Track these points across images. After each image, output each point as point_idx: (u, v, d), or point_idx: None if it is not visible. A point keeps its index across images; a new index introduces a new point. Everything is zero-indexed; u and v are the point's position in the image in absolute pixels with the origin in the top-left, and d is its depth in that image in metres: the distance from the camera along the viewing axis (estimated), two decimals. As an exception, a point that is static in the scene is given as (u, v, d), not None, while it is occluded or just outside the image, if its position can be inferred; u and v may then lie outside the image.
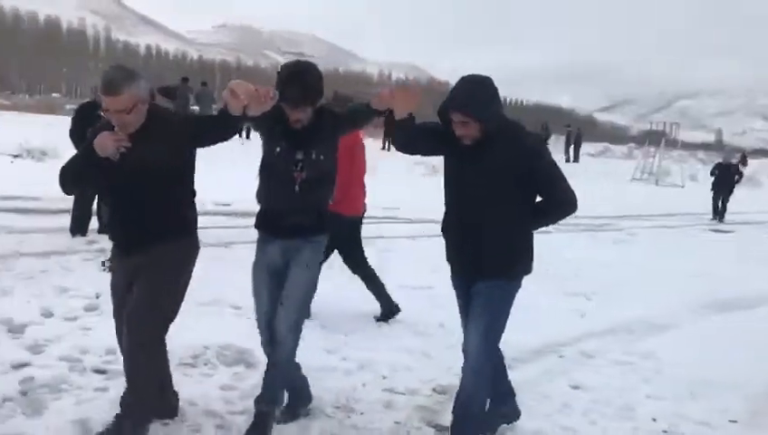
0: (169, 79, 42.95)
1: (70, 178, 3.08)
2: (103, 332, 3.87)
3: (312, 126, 3.26)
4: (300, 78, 3.14)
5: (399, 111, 3.16)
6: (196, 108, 19.17)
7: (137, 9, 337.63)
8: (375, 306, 5.51)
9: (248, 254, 3.56)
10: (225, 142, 3.19)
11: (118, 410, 3.17)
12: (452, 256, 3.34)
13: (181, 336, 3.90)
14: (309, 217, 3.33)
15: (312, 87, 3.17)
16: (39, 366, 3.88)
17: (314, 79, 3.18)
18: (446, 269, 3.42)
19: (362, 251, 5.55)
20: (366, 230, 5.69)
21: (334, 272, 5.70)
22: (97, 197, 6.71)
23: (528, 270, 3.28)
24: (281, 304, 3.30)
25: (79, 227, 7.45)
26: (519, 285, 3.27)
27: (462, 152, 3.10)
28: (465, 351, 3.22)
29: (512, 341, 5.08)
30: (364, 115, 3.36)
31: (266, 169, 3.37)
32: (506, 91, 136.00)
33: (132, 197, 3.08)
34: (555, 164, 3.16)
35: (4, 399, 3.47)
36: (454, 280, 3.40)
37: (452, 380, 4.10)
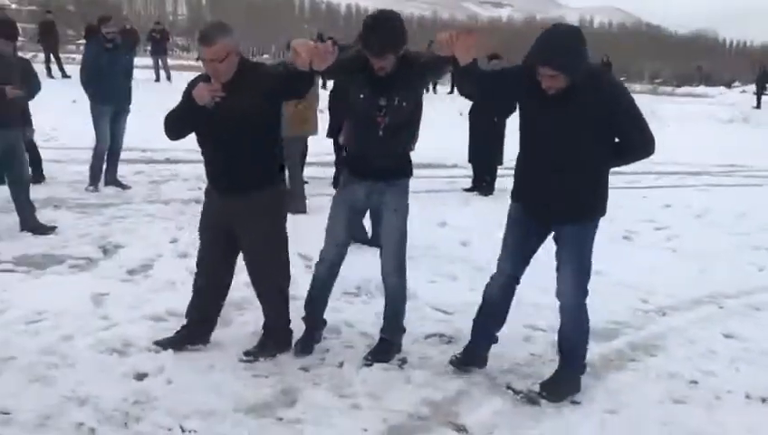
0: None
1: (172, 125, 3.44)
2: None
3: (396, 73, 3.37)
4: (382, 27, 3.30)
5: (462, 57, 3.17)
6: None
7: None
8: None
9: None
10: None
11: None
12: (528, 198, 3.38)
13: (350, 270, 4.52)
14: (392, 161, 3.57)
15: (395, 36, 3.29)
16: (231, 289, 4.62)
17: (397, 27, 3.30)
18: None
19: None
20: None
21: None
22: None
23: (604, 211, 3.36)
24: (381, 247, 3.67)
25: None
26: (597, 226, 3.37)
27: (544, 98, 3.12)
28: (560, 292, 3.40)
29: (673, 291, 5.16)
30: (438, 61, 3.40)
31: (352, 115, 3.63)
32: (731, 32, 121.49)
33: (227, 144, 3.38)
34: (635, 106, 3.17)
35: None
36: (521, 220, 3.43)
37: (600, 323, 4.29)
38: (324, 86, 20.96)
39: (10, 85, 5.41)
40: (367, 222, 5.32)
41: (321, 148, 8.90)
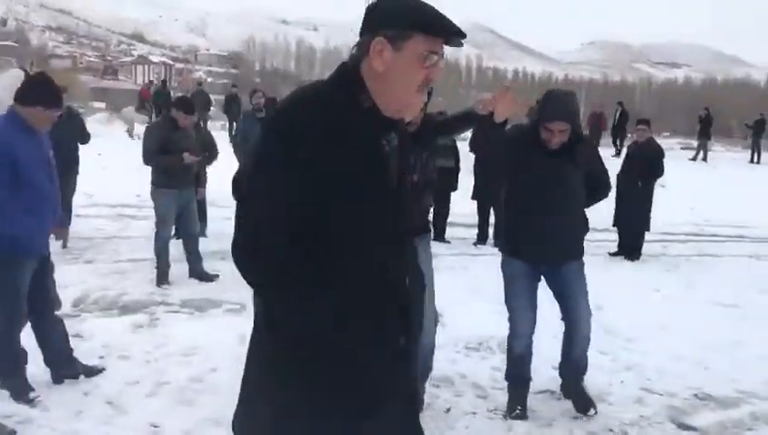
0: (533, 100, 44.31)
1: None
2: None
3: (419, 131, 3.53)
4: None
5: (500, 114, 3.44)
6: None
7: (509, 36, 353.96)
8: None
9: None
10: None
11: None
12: (530, 244, 3.71)
13: (473, 323, 4.83)
14: (419, 219, 3.74)
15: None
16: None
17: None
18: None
19: None
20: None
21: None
22: None
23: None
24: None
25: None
26: None
27: (544, 154, 3.60)
28: (573, 321, 3.78)
29: None
30: (465, 119, 3.69)
31: None
32: None
33: None
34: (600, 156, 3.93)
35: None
36: (520, 267, 3.75)
37: (725, 391, 4.22)
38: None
39: (188, 152, 6.31)
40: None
41: (464, 208, 9.26)
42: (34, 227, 3.66)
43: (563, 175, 3.64)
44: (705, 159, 22.63)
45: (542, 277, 3.85)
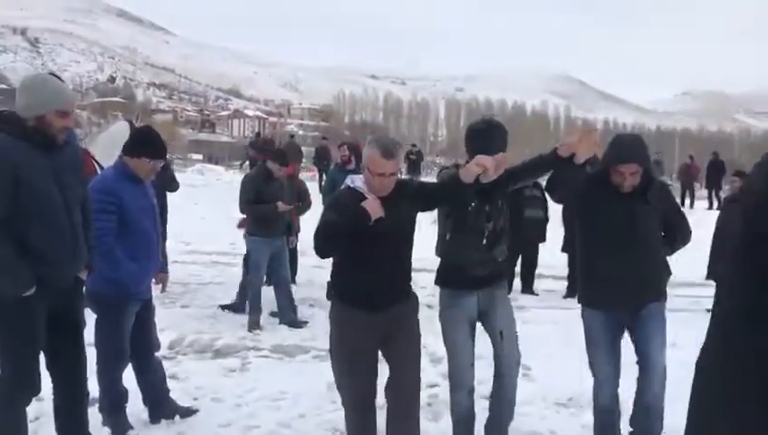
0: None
1: (335, 241, 3.27)
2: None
3: (497, 181, 3.42)
4: (496, 126, 3.71)
5: (582, 156, 3.35)
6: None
7: (598, 87, 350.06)
8: None
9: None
10: None
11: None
12: (608, 297, 3.64)
13: (564, 380, 4.77)
14: (496, 266, 3.69)
15: (505, 135, 3.67)
16: (445, 388, 4.97)
17: (504, 130, 3.72)
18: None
19: None
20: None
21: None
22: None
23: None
24: (500, 337, 3.69)
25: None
26: None
27: (616, 197, 3.58)
28: (649, 369, 3.69)
29: None
30: (544, 161, 3.49)
31: (454, 227, 3.69)
32: None
33: (383, 256, 3.32)
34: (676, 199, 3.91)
35: (415, 407, 4.64)
36: (598, 316, 3.67)
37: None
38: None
39: (280, 202, 6.54)
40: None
41: (555, 260, 9.11)
42: (139, 272, 3.87)
43: (638, 216, 3.58)
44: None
45: (626, 328, 3.75)
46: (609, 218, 3.61)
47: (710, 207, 20.07)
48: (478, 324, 3.83)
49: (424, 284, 7.09)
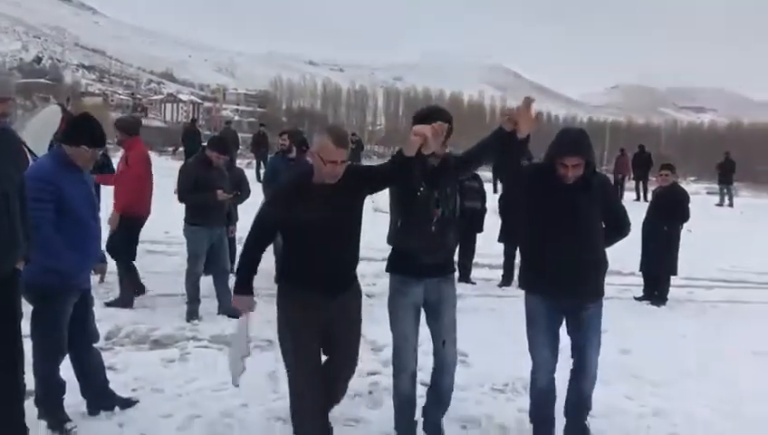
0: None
1: (268, 233, 3.55)
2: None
3: (441, 167, 3.70)
4: (440, 109, 3.80)
5: (523, 129, 3.54)
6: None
7: (532, 79, 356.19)
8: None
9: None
10: None
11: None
12: (550, 284, 3.76)
13: (500, 367, 4.92)
14: (446, 255, 3.83)
15: (450, 118, 3.71)
16: (386, 375, 5.06)
17: (448, 114, 3.74)
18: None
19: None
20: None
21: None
22: None
23: None
24: (443, 343, 3.84)
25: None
26: None
27: (560, 189, 3.69)
28: (583, 369, 3.88)
29: None
30: (491, 142, 3.67)
31: (404, 213, 3.76)
32: None
33: (329, 243, 3.42)
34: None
35: (355, 394, 4.71)
36: (540, 304, 3.81)
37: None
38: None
39: (221, 190, 6.48)
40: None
41: (491, 250, 9.32)
42: (78, 261, 3.80)
43: (580, 207, 3.72)
44: (731, 204, 22.47)
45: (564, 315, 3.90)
46: (552, 208, 3.74)
47: (637, 199, 20.82)
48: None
49: (364, 273, 7.18)
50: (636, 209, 10.22)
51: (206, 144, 6.93)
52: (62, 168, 3.79)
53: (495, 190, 20.66)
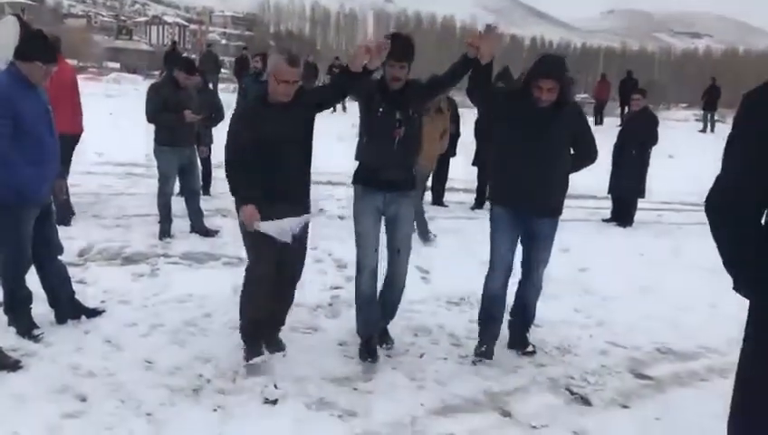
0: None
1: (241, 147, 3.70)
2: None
3: (406, 88, 3.91)
4: (402, 36, 3.92)
5: (485, 54, 3.73)
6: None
7: (526, 2, 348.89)
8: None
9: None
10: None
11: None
12: (513, 194, 3.94)
13: (456, 281, 5.13)
14: (405, 173, 4.01)
15: (411, 45, 3.87)
16: (347, 290, 5.28)
17: (412, 43, 3.90)
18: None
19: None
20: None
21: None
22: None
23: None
24: (397, 252, 4.08)
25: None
26: None
27: (532, 110, 3.87)
28: (529, 280, 4.17)
29: None
30: (456, 68, 3.89)
31: (368, 131, 4.00)
32: None
33: (282, 159, 3.68)
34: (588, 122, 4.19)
35: (317, 305, 4.94)
36: (503, 213, 4.02)
37: (687, 346, 4.47)
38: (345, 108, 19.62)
39: (189, 110, 6.54)
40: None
41: (463, 174, 9.47)
42: (36, 176, 3.91)
43: (551, 129, 3.89)
44: (712, 130, 22.59)
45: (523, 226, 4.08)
46: (523, 127, 3.92)
47: (620, 125, 20.85)
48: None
49: (339, 196, 7.34)
50: (614, 133, 10.39)
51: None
52: (16, 84, 3.85)
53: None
